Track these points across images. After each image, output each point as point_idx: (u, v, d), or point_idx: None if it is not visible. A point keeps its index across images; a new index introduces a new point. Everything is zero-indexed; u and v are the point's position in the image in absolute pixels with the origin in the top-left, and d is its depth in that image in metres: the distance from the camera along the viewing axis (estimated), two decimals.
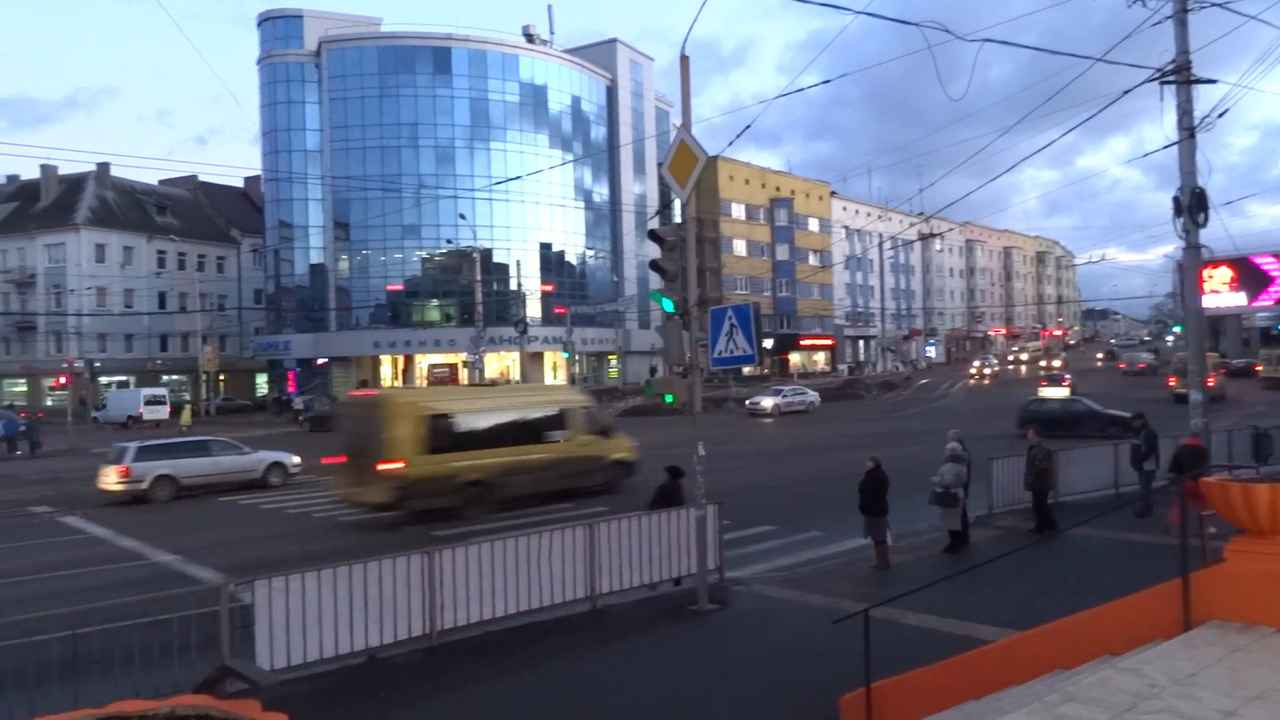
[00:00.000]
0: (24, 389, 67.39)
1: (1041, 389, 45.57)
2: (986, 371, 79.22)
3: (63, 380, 58.02)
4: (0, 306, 66.41)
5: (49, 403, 63.76)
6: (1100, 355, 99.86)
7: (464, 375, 60.96)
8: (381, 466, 17.68)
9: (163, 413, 54.17)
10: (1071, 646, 6.08)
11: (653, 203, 75.64)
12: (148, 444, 23.89)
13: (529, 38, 68.60)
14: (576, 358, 64.17)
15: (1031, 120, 75.93)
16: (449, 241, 61.43)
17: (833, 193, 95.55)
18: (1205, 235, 15.20)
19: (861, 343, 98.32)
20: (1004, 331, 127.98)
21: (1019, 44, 13.02)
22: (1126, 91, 14.72)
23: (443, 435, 18.59)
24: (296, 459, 25.84)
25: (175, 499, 22.79)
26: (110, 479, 22.60)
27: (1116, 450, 18.20)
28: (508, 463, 19.04)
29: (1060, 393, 41.73)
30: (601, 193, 72.62)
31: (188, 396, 62.60)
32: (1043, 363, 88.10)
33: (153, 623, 8.31)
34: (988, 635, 9.11)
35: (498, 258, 62.18)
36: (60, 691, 7.57)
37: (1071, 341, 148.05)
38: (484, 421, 19.71)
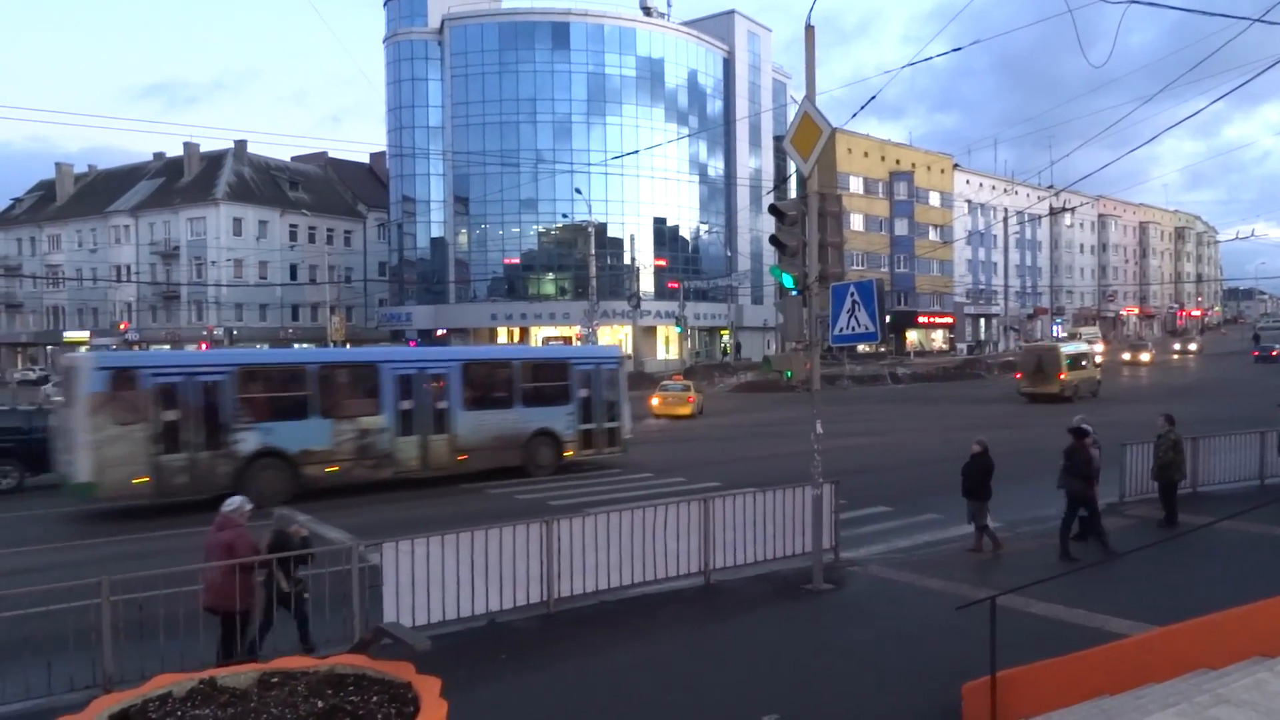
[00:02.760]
0: None
1: None
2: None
3: (203, 347, 61.52)
4: (147, 277, 70.62)
5: None
6: (1175, 344, 77.65)
7: None
8: (1061, 375, 38.18)
9: None
10: (1217, 645, 5.76)
11: (768, 177, 74.64)
12: None
13: (646, 10, 68.29)
14: (688, 333, 64.14)
15: (1175, 88, 71.43)
16: (564, 216, 62.11)
17: (955, 165, 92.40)
18: None
19: (983, 321, 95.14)
20: (1137, 311, 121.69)
21: (1167, 4, 12.17)
22: None
23: (1071, 362, 39.18)
24: None
25: None
26: None
27: (1263, 439, 17.11)
28: (1079, 377, 39.63)
29: None
30: (717, 167, 72.05)
31: None
32: (1127, 356, 68.93)
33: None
34: (1120, 629, 8.75)
35: (612, 232, 62.49)
36: (207, 641, 8.06)
37: (1213, 323, 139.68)
38: (1074, 357, 40.06)
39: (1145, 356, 68.88)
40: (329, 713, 3.44)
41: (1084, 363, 40.72)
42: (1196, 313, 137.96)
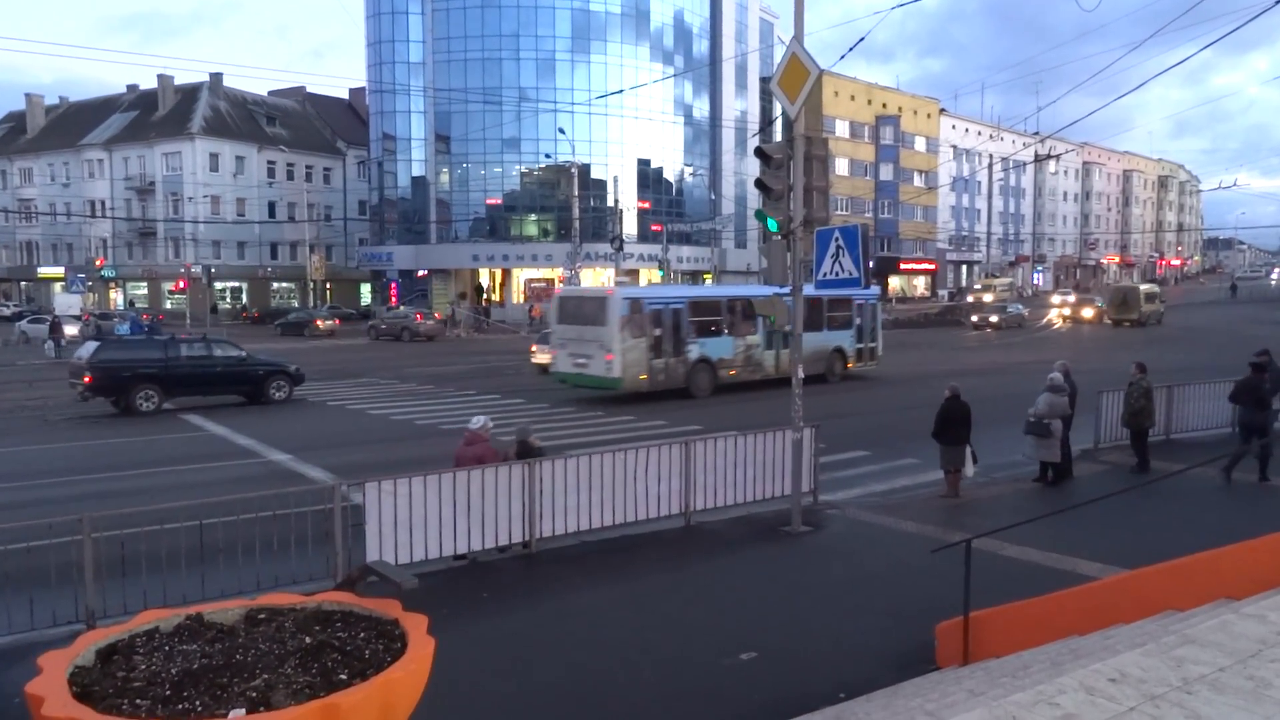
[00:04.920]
0: (145, 292, 70.89)
1: None
2: (994, 319, 53.28)
3: (181, 284, 60.90)
4: (122, 212, 69.46)
5: (168, 305, 67.10)
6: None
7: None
8: (1143, 308, 51.78)
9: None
10: (1185, 588, 5.91)
11: (754, 120, 73.82)
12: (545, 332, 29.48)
13: None
14: (671, 276, 63.93)
15: (1165, 35, 71.01)
16: (547, 156, 61.33)
17: (942, 110, 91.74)
18: None
19: (964, 268, 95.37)
20: (1118, 259, 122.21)
21: None
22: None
23: (1147, 298, 53.31)
24: None
25: None
26: (543, 357, 28.18)
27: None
28: (1150, 310, 52.57)
29: None
30: (702, 108, 71.14)
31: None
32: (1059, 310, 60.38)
33: (272, 517, 8.77)
34: (1091, 572, 8.94)
35: (595, 173, 61.83)
36: (188, 577, 8.09)
37: (1191, 272, 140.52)
38: (1149, 295, 53.78)
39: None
40: (317, 648, 3.47)
41: (1154, 300, 53.96)
42: (1176, 262, 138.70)
